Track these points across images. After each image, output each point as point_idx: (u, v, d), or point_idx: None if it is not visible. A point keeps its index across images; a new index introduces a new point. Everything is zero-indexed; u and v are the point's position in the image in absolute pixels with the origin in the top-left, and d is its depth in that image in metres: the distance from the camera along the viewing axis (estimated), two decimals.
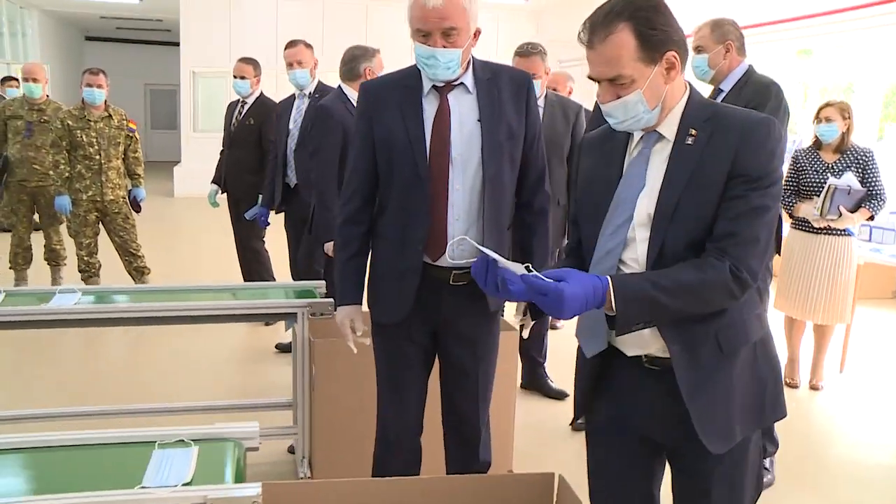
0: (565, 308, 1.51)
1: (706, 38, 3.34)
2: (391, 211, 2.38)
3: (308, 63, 4.69)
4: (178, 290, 3.34)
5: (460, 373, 2.49)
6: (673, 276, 1.59)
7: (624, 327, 1.60)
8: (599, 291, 1.55)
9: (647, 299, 1.57)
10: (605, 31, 1.62)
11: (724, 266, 1.59)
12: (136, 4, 14.37)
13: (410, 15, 2.23)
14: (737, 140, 1.63)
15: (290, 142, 4.71)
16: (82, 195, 5.56)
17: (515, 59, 4.01)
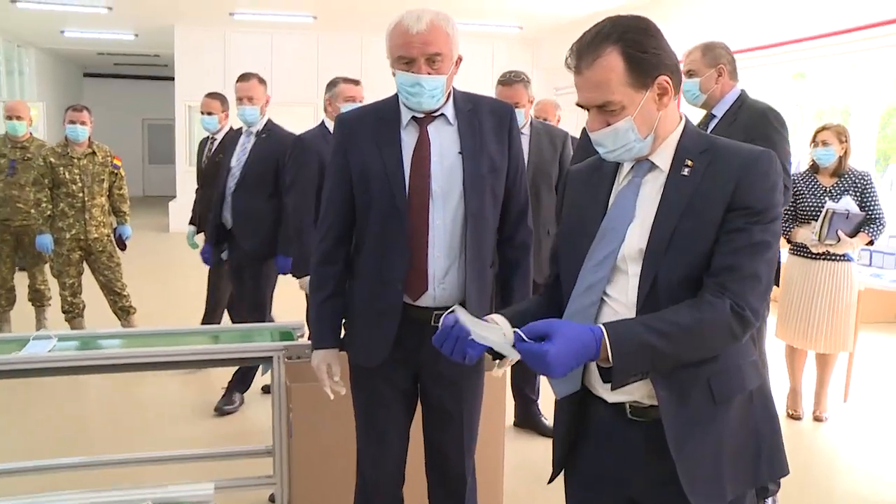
0: (552, 371, 1.39)
1: (697, 61, 3.26)
2: (368, 248, 2.27)
3: (259, 100, 4.42)
4: (153, 335, 3.21)
5: (444, 417, 2.37)
6: (670, 318, 1.46)
7: (621, 380, 1.46)
8: (592, 347, 1.42)
9: (646, 348, 1.43)
10: (593, 54, 1.53)
11: (724, 303, 1.47)
12: (132, 40, 14.42)
13: (391, 43, 2.15)
14: (737, 172, 1.53)
15: (231, 181, 4.43)
16: (65, 234, 5.46)
17: (498, 88, 3.94)
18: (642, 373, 1.48)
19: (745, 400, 1.60)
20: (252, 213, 4.38)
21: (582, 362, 1.44)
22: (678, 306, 1.49)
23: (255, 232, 4.36)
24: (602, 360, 1.44)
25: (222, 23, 12.73)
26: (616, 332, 1.44)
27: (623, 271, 1.59)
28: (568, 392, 1.67)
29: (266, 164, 4.36)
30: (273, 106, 14.32)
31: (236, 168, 4.41)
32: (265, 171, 4.36)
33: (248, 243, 4.38)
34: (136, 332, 3.33)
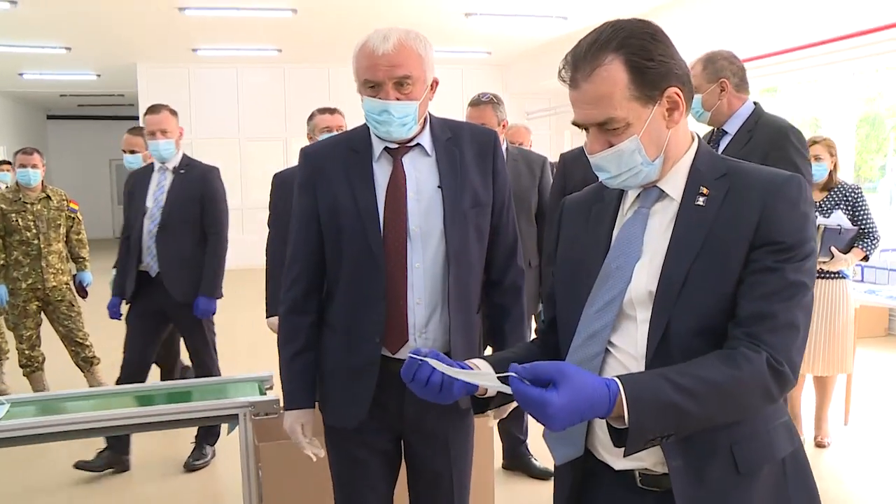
0: (551, 425, 1.15)
1: (698, 76, 3.01)
2: (341, 297, 2.03)
3: (173, 132, 3.99)
4: (110, 395, 2.96)
5: (432, 479, 2.13)
6: (697, 373, 1.22)
7: (636, 445, 1.19)
8: (604, 404, 1.17)
9: (669, 409, 1.18)
10: (592, 64, 1.31)
11: (760, 357, 1.23)
12: (94, 80, 14.18)
13: (357, 65, 1.92)
14: (762, 201, 1.30)
15: (149, 223, 4.00)
16: (21, 283, 5.15)
17: (467, 111, 3.73)
18: (662, 437, 1.22)
19: (775, 470, 1.36)
20: (182, 258, 4.00)
21: (587, 419, 1.20)
22: (706, 359, 1.26)
23: (185, 277, 4.00)
24: (615, 420, 1.20)
25: (185, 59, 12.55)
26: (633, 387, 1.19)
27: (630, 317, 1.37)
28: (569, 457, 1.44)
29: (190, 204, 4.00)
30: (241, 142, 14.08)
31: (154, 209, 4.00)
32: (190, 210, 4.01)
33: (181, 292, 3.98)
34: (92, 393, 3.06)
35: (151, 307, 4.05)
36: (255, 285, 5.26)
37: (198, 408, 2.72)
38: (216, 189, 4.11)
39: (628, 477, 1.39)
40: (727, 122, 3.01)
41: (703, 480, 1.30)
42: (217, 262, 4.09)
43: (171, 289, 3.97)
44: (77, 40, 10.69)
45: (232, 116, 13.35)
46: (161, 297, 3.98)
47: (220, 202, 4.12)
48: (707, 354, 1.27)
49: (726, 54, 3.04)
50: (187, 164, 4.10)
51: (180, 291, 3.99)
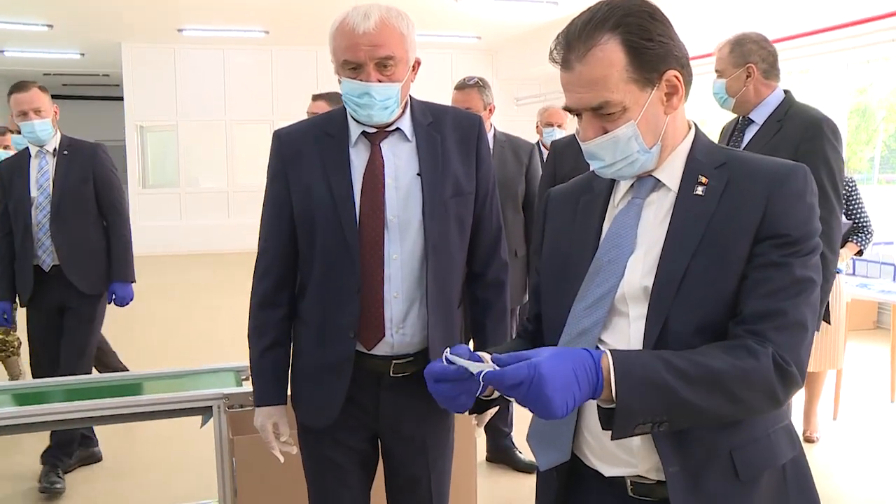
0: (549, 392, 1.06)
1: (724, 59, 2.88)
2: (314, 290, 1.93)
3: (48, 111, 3.63)
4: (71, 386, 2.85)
5: (410, 481, 2.04)
6: (697, 359, 1.14)
7: (625, 426, 1.12)
8: (591, 365, 1.10)
9: (660, 387, 1.10)
10: (586, 45, 1.22)
11: (767, 353, 1.15)
12: (78, 59, 13.97)
13: (335, 44, 1.80)
14: (766, 192, 1.22)
15: (38, 214, 3.64)
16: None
17: (453, 94, 3.61)
18: (653, 422, 1.13)
19: (776, 477, 1.28)
20: (83, 246, 3.70)
21: (584, 387, 1.09)
22: (707, 347, 1.17)
23: (90, 266, 3.71)
24: (604, 400, 1.12)
25: (171, 39, 12.37)
26: (623, 361, 1.12)
27: (622, 314, 1.28)
28: (555, 462, 1.36)
29: (82, 186, 3.68)
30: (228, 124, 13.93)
31: (40, 198, 3.64)
32: (83, 194, 3.69)
33: (83, 281, 3.67)
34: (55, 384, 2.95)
35: (51, 304, 3.70)
36: (241, 269, 5.15)
37: (169, 399, 2.62)
38: (108, 168, 3.80)
39: (618, 485, 1.31)
40: (754, 111, 2.86)
41: (702, 487, 1.22)
42: (124, 244, 3.81)
43: (77, 281, 3.65)
44: (59, 17, 10.50)
45: (218, 98, 13.19)
46: (59, 292, 3.65)
47: (114, 181, 3.83)
48: (709, 344, 1.19)
49: (756, 37, 2.88)
50: (69, 144, 3.73)
51: (87, 283, 3.70)
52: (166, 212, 13.41)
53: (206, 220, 13.39)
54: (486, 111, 3.57)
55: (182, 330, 7.31)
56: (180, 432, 4.17)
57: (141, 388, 2.78)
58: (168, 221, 13.34)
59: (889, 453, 4.18)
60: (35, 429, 2.58)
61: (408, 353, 1.91)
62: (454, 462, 2.16)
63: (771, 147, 2.70)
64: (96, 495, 3.69)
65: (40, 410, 2.53)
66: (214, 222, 13.35)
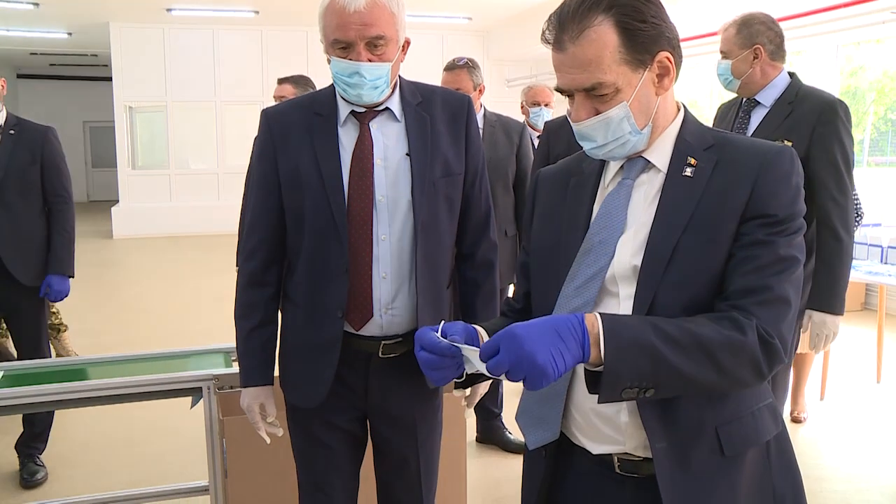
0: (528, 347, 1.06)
1: (730, 40, 2.82)
2: (302, 269, 1.92)
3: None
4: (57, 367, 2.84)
5: (398, 461, 2.05)
6: (685, 325, 1.15)
7: (612, 388, 1.12)
8: (575, 322, 1.10)
9: (648, 351, 1.11)
10: (580, 25, 1.23)
11: (752, 325, 1.17)
12: (65, 39, 13.83)
13: (324, 23, 1.79)
14: (754, 173, 1.23)
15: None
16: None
17: (443, 75, 3.60)
18: (640, 387, 1.13)
19: (760, 453, 1.30)
20: (23, 233, 3.48)
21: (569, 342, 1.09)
22: (695, 317, 1.19)
23: (31, 256, 3.51)
24: (592, 363, 1.13)
25: (159, 19, 12.25)
26: (611, 321, 1.13)
27: (613, 294, 1.29)
28: (543, 441, 1.37)
29: (30, 170, 3.47)
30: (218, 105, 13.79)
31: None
32: (29, 178, 3.48)
33: (23, 272, 3.47)
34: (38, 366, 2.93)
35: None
36: (231, 251, 5.12)
37: (159, 380, 2.60)
38: (57, 151, 3.60)
39: (606, 462, 1.33)
40: (760, 93, 2.83)
41: (688, 463, 1.24)
42: (68, 235, 3.59)
43: (17, 272, 3.45)
44: None
45: (208, 79, 13.10)
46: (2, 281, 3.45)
47: (63, 168, 3.62)
48: (696, 315, 1.20)
49: (763, 17, 2.82)
50: (16, 124, 3.51)
51: (28, 274, 3.50)
52: (156, 193, 13.34)
53: (196, 202, 13.33)
54: (476, 92, 3.56)
55: (172, 311, 7.29)
56: (170, 414, 4.18)
57: (131, 370, 2.77)
58: (158, 203, 13.27)
59: (875, 433, 4.22)
60: (19, 410, 2.56)
61: (397, 333, 1.91)
62: (443, 443, 2.17)
63: (784, 130, 2.69)
64: (84, 478, 3.68)
65: (23, 392, 2.50)
66: (204, 204, 13.28)
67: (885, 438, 4.13)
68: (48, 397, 2.52)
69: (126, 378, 2.59)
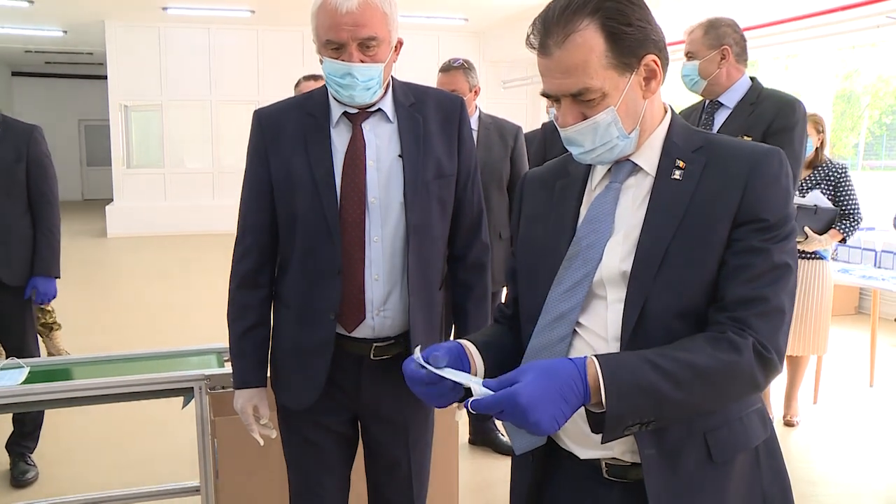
0: (532, 418, 1.05)
1: (697, 41, 2.86)
2: (294, 271, 1.91)
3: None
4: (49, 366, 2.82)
5: (390, 463, 2.04)
6: (681, 357, 1.14)
7: (615, 430, 1.12)
8: (578, 380, 1.09)
9: (650, 391, 1.10)
10: (565, 30, 1.21)
11: (747, 343, 1.16)
12: (60, 37, 13.78)
13: (317, 23, 1.79)
14: (743, 176, 1.22)
15: None
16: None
17: (438, 77, 3.60)
18: (641, 423, 1.13)
19: (749, 459, 1.30)
20: (13, 234, 3.43)
21: (572, 402, 1.09)
22: (690, 341, 1.18)
23: (15, 256, 3.44)
24: (593, 405, 1.12)
25: (155, 18, 12.22)
26: (610, 366, 1.11)
27: (600, 297, 1.28)
28: (530, 446, 1.36)
29: (15, 169, 3.40)
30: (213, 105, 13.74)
31: None
32: (15, 177, 3.42)
33: (7, 272, 3.42)
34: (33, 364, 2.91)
35: None
36: (226, 250, 5.10)
37: (151, 380, 2.59)
38: (43, 151, 3.54)
39: (594, 467, 1.31)
40: (724, 95, 2.87)
41: (677, 469, 1.23)
42: (53, 235, 3.54)
43: (1, 273, 3.41)
44: None
45: (203, 78, 13.07)
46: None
47: (49, 166, 3.56)
48: (691, 336, 1.19)
49: (729, 21, 2.88)
50: (2, 121, 3.45)
51: (14, 274, 3.45)
52: (151, 192, 13.31)
53: (191, 201, 13.30)
54: (472, 93, 3.56)
55: (165, 311, 7.27)
56: (161, 414, 4.17)
57: (123, 369, 2.75)
58: (152, 202, 13.24)
59: (868, 437, 4.22)
60: (7, 410, 2.54)
61: (389, 335, 1.91)
62: (435, 444, 2.17)
63: (746, 127, 2.75)
64: (75, 478, 3.66)
65: (11, 391, 2.49)
66: (199, 203, 13.26)
67: (878, 442, 4.14)
68: (38, 396, 2.51)
69: (118, 378, 2.58)
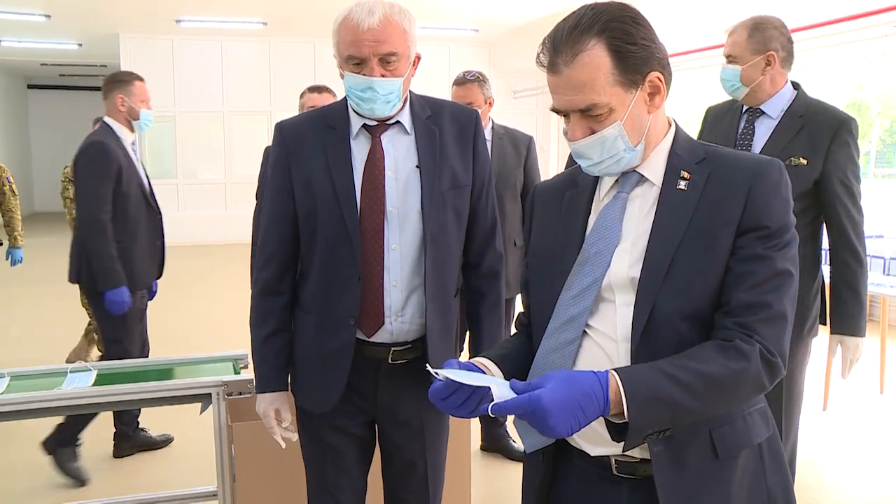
0: (551, 422, 1.11)
1: (741, 44, 2.61)
2: (315, 278, 1.97)
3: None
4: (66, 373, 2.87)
5: (406, 466, 2.10)
6: (694, 367, 1.21)
7: (636, 439, 1.19)
8: (599, 392, 1.15)
9: (667, 402, 1.18)
10: (573, 49, 1.28)
11: (755, 350, 1.23)
12: (75, 50, 13.95)
13: (338, 39, 1.85)
14: (746, 186, 1.29)
15: None
16: None
17: (452, 90, 3.67)
18: (660, 430, 1.21)
19: (753, 455, 1.36)
20: None
21: (589, 413, 1.15)
22: (701, 351, 1.24)
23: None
24: (612, 416, 1.18)
25: (169, 30, 12.35)
26: (630, 380, 1.17)
27: (609, 301, 1.34)
28: (540, 445, 1.42)
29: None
30: (226, 115, 13.84)
31: None
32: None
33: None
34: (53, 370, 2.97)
35: None
36: (239, 260, 5.19)
37: (170, 386, 2.66)
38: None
39: (603, 464, 1.37)
40: (767, 103, 2.64)
41: (684, 465, 1.30)
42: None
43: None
44: (57, 8, 10.47)
45: (216, 90, 13.19)
46: None
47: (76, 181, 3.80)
48: (702, 345, 1.26)
49: (777, 22, 2.63)
50: None
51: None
52: (164, 203, 13.11)
53: (204, 212, 13.40)
54: (487, 105, 3.62)
55: (181, 320, 7.33)
56: (180, 420, 4.23)
57: (141, 376, 2.82)
58: (166, 212, 13.18)
59: (877, 444, 4.24)
60: (37, 415, 2.61)
61: (406, 340, 1.96)
62: (448, 450, 2.22)
63: (799, 147, 2.58)
64: (94, 482, 3.73)
65: (40, 397, 2.56)
66: (212, 213, 13.36)
67: (888, 449, 4.15)
68: (62, 402, 2.57)
69: (138, 384, 2.64)
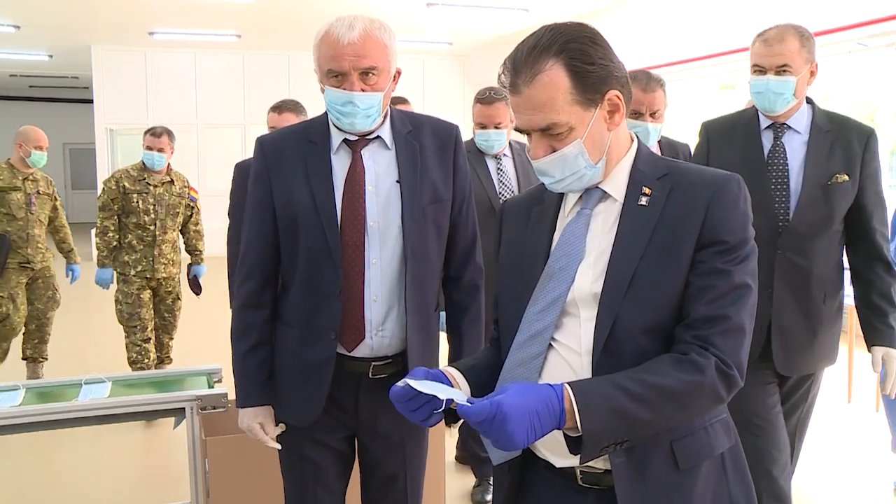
0: (509, 427, 1.13)
1: (795, 53, 2.34)
2: (296, 292, 1.98)
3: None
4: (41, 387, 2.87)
5: (385, 479, 2.11)
6: (649, 380, 1.24)
7: (592, 451, 1.21)
8: (554, 402, 1.18)
9: (621, 415, 1.20)
10: (532, 70, 1.31)
11: (710, 363, 1.26)
12: (46, 61, 13.82)
13: (319, 54, 1.87)
14: (705, 201, 1.32)
15: None
16: (130, 269, 4.86)
17: (476, 107, 3.53)
18: (616, 443, 1.23)
19: (715, 466, 1.39)
20: None
21: (545, 422, 1.17)
22: (656, 364, 1.27)
23: None
24: (569, 428, 1.21)
25: (141, 42, 12.28)
26: (582, 391, 1.20)
27: (573, 315, 1.37)
28: (506, 458, 1.45)
29: None
30: (199, 129, 13.81)
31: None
32: None
33: None
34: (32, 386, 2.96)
35: None
36: (212, 273, 5.16)
37: (143, 401, 2.66)
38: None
39: (569, 475, 1.40)
40: (793, 117, 2.45)
41: (645, 477, 1.32)
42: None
43: None
44: (26, 18, 10.37)
45: (189, 102, 13.12)
46: None
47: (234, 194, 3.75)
48: (657, 358, 1.28)
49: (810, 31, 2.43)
50: None
51: None
52: None
53: None
54: (512, 123, 3.58)
55: None
56: (153, 435, 4.20)
57: (115, 391, 2.80)
58: None
59: (845, 453, 4.29)
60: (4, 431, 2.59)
61: (387, 354, 1.98)
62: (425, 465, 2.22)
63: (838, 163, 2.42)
64: (67, 499, 3.69)
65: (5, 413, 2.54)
66: None
67: (856, 458, 4.21)
68: (31, 419, 2.55)
69: (110, 399, 2.63)
